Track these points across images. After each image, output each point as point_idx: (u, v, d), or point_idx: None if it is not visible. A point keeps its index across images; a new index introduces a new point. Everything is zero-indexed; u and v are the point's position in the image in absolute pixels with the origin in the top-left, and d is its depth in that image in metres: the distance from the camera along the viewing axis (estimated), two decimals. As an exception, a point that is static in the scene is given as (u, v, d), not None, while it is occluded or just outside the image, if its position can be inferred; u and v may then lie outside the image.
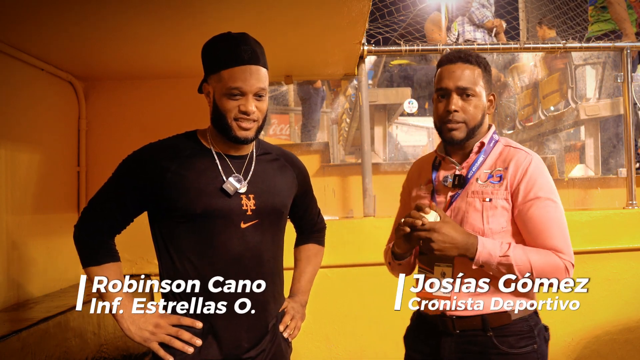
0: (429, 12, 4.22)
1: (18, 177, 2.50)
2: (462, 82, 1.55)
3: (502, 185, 1.53)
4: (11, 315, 2.19)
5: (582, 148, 4.95)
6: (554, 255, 1.49)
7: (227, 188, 1.48)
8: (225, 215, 1.47)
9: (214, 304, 1.48)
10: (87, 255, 1.52)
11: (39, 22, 2.18)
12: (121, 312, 1.49)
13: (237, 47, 1.45)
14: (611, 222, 3.22)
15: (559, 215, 1.53)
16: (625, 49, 3.51)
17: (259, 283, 1.51)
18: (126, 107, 3.20)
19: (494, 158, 1.59)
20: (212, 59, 1.48)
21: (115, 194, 1.51)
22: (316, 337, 3.07)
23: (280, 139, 6.44)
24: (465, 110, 1.55)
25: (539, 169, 1.54)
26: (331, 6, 2.21)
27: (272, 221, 1.56)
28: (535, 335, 1.54)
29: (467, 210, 1.55)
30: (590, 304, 3.20)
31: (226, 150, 1.53)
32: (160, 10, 2.12)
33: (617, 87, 4.17)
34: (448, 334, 1.56)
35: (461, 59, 1.57)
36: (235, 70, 1.43)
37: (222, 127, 1.48)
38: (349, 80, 4.14)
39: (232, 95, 1.44)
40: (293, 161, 1.69)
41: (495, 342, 1.51)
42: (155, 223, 1.53)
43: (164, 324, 1.48)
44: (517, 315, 1.53)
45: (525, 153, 1.57)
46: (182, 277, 1.49)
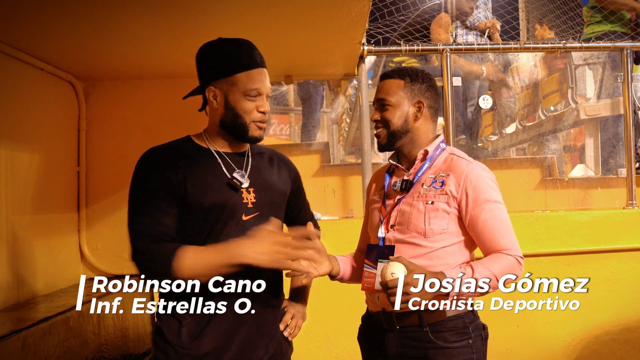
0: (429, 12, 4.21)
1: (18, 177, 2.50)
2: (378, 94, 1.73)
3: (443, 190, 1.65)
4: (11, 315, 2.19)
5: (582, 148, 4.95)
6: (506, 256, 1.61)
7: (234, 183, 1.53)
8: (230, 207, 1.52)
9: (214, 303, 1.48)
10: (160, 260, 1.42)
11: (39, 22, 2.18)
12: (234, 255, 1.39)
13: (250, 51, 1.53)
14: (611, 222, 3.22)
15: (505, 216, 1.65)
16: (625, 49, 3.51)
17: (259, 283, 1.51)
18: (126, 107, 3.20)
19: (439, 164, 1.71)
20: (222, 62, 1.52)
21: (152, 205, 1.47)
22: (316, 337, 3.07)
23: (280, 139, 6.44)
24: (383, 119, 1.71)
25: (479, 175, 1.65)
26: (331, 6, 2.21)
27: (272, 214, 1.60)
28: (470, 332, 1.64)
29: (411, 212, 1.66)
30: (590, 304, 3.20)
31: (225, 149, 1.58)
32: (161, 11, 2.12)
33: (617, 87, 4.17)
34: (390, 330, 1.67)
35: (385, 75, 1.76)
36: (253, 73, 1.51)
37: (235, 127, 1.53)
38: (349, 80, 4.14)
39: (251, 97, 1.51)
40: (285, 161, 1.75)
41: (432, 337, 1.62)
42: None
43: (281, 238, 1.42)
44: (452, 313, 1.63)
45: (466, 162, 1.69)
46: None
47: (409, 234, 1.66)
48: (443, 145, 1.77)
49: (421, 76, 1.75)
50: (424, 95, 1.73)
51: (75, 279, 2.96)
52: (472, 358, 1.64)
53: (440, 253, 1.65)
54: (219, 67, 1.52)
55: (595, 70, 4.76)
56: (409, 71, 1.75)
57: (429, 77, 1.76)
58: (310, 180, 3.82)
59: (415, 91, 1.72)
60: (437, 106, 1.78)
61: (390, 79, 1.74)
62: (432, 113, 1.76)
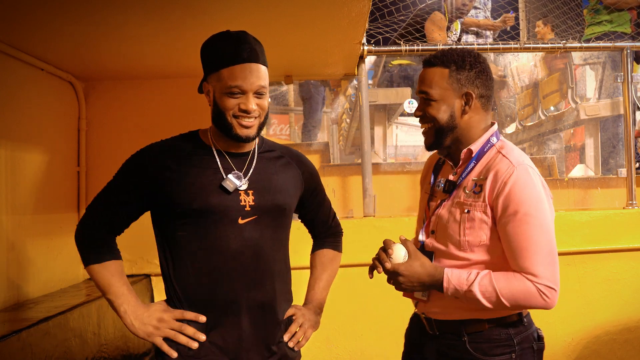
0: (430, 12, 4.22)
1: (18, 177, 2.50)
2: (420, 86, 1.53)
3: (480, 197, 1.46)
4: (11, 315, 2.19)
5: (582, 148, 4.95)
6: (523, 279, 1.40)
7: (227, 185, 1.48)
8: (222, 211, 1.48)
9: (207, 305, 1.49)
10: (89, 253, 1.53)
11: (39, 22, 2.18)
12: (124, 308, 1.49)
13: (237, 45, 1.45)
14: (611, 222, 3.22)
15: (538, 233, 1.41)
16: (625, 49, 3.51)
17: (257, 285, 1.50)
18: (126, 107, 3.20)
19: (484, 164, 1.51)
20: (212, 57, 1.48)
21: (118, 193, 1.52)
22: (316, 337, 3.05)
23: (280, 139, 6.44)
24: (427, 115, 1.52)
25: (521, 181, 1.42)
26: (331, 6, 2.20)
27: (273, 218, 1.55)
28: (514, 344, 1.50)
29: (448, 219, 1.51)
30: (590, 304, 3.20)
31: (227, 148, 1.54)
32: (161, 11, 2.12)
33: (617, 87, 4.17)
34: (432, 335, 1.59)
35: (427, 62, 1.54)
36: (235, 69, 1.44)
37: (222, 125, 1.48)
38: (349, 80, 4.15)
39: (232, 94, 1.44)
40: (299, 159, 1.67)
41: (469, 348, 1.50)
42: (156, 222, 1.56)
43: (168, 318, 1.48)
44: (495, 323, 1.50)
45: (508, 163, 1.45)
46: (183, 276, 1.50)
47: (445, 244, 1.52)
48: (494, 139, 1.53)
49: (469, 61, 1.50)
50: (474, 83, 1.50)
51: (75, 279, 2.96)
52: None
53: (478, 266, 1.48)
54: (209, 62, 1.50)
55: (595, 70, 4.76)
56: (455, 56, 1.50)
57: (478, 61, 1.52)
58: (310, 180, 3.82)
59: (462, 81, 1.49)
60: (489, 94, 1.54)
61: (432, 67, 1.51)
62: (484, 102, 1.53)
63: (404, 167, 4.01)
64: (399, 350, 1.79)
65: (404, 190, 3.85)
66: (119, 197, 1.52)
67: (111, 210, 1.52)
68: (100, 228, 1.53)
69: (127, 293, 1.50)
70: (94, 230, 1.53)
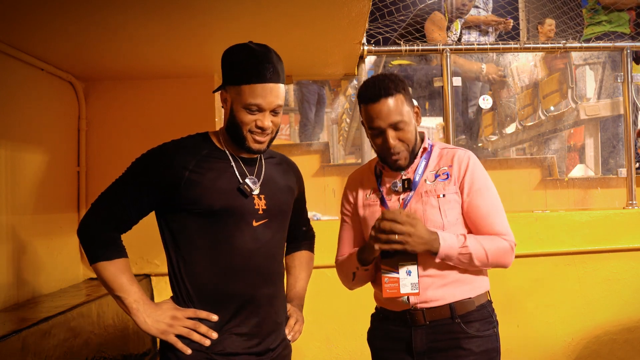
0: (429, 12, 4.21)
1: (18, 177, 2.50)
2: (391, 118, 1.62)
3: (450, 181, 1.68)
4: (11, 315, 2.19)
5: (582, 148, 4.95)
6: (499, 239, 1.65)
7: (245, 189, 1.54)
8: (241, 213, 1.53)
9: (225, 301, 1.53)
10: (96, 250, 1.52)
11: (39, 22, 2.18)
12: (136, 305, 1.49)
13: (260, 64, 1.49)
14: (611, 222, 3.22)
15: (496, 202, 1.70)
16: (625, 49, 3.51)
17: (269, 282, 1.57)
18: (126, 107, 3.20)
19: (436, 160, 1.73)
20: (233, 70, 1.52)
21: (130, 190, 1.53)
22: (316, 337, 3.07)
23: (280, 139, 6.43)
24: (403, 138, 1.65)
25: (476, 163, 1.70)
26: (331, 6, 2.21)
27: (280, 221, 1.64)
28: (494, 320, 1.71)
29: (424, 209, 1.66)
30: (590, 304, 3.20)
31: (239, 153, 1.59)
32: (161, 11, 2.12)
33: (617, 87, 4.17)
34: (418, 325, 1.66)
35: (382, 94, 1.61)
36: (256, 87, 1.48)
37: (236, 136, 1.54)
38: (349, 80, 4.14)
39: (251, 111, 1.49)
40: (293, 167, 1.78)
41: (464, 327, 1.64)
42: (166, 220, 1.56)
43: (181, 316, 1.50)
44: (479, 302, 1.68)
45: (462, 151, 1.73)
46: (198, 275, 1.53)
47: None
48: (429, 141, 1.78)
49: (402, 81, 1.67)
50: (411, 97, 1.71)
51: (76, 279, 2.96)
52: (497, 345, 1.70)
53: None
54: (230, 74, 1.53)
55: (595, 70, 4.76)
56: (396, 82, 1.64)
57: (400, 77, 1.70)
58: (310, 180, 3.82)
59: (409, 98, 1.68)
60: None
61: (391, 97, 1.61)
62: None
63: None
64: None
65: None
66: (131, 194, 1.52)
67: (121, 206, 1.52)
68: (108, 224, 1.53)
69: (137, 291, 1.51)
70: (102, 226, 1.53)
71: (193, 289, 1.53)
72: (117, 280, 1.50)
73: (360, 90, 1.69)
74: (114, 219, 1.53)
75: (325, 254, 1.94)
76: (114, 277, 1.50)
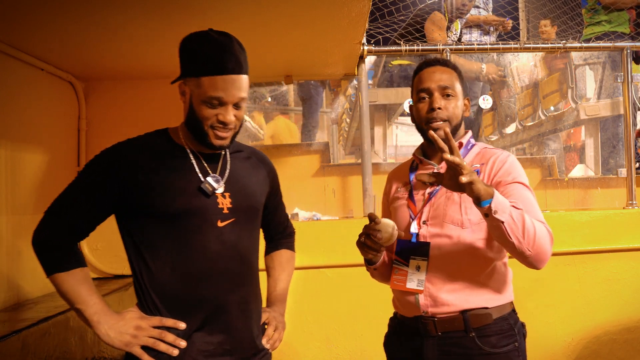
0: (430, 12, 4.21)
1: (18, 177, 2.50)
2: (442, 82, 1.63)
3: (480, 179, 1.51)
4: (11, 315, 2.19)
5: (582, 148, 4.95)
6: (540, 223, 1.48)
7: (206, 188, 1.44)
8: (203, 214, 1.44)
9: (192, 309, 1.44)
10: (53, 261, 1.43)
11: (39, 22, 2.18)
12: (96, 318, 1.41)
13: (221, 54, 1.39)
14: (611, 222, 3.22)
15: (532, 198, 1.55)
16: (625, 49, 3.51)
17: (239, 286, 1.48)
18: (126, 107, 3.20)
19: (472, 157, 1.66)
20: (193, 61, 1.42)
21: (83, 196, 1.43)
22: (316, 337, 3.07)
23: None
24: (447, 109, 1.62)
25: (513, 162, 1.60)
26: (331, 6, 2.21)
27: (248, 220, 1.53)
28: (515, 334, 1.56)
29: (446, 204, 1.58)
30: (590, 304, 3.20)
31: (200, 149, 1.49)
32: (161, 11, 2.12)
33: (617, 87, 4.17)
34: (430, 336, 1.57)
35: (439, 62, 1.67)
36: (217, 80, 1.38)
37: (197, 132, 1.44)
38: (349, 80, 4.14)
39: (212, 105, 1.40)
40: (264, 160, 1.66)
41: (478, 343, 1.52)
42: (125, 225, 1.47)
43: (146, 325, 1.41)
44: (498, 314, 1.55)
45: (502, 151, 1.65)
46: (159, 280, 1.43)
47: (445, 227, 1.57)
48: (473, 140, 1.72)
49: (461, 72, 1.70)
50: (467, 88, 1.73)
51: (75, 279, 2.96)
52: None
53: (478, 244, 1.55)
54: (189, 64, 1.43)
55: (595, 70, 4.76)
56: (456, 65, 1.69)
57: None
58: (310, 180, 3.82)
59: (465, 88, 1.69)
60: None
61: (448, 68, 1.65)
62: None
63: (404, 167, 4.00)
64: (399, 350, 1.78)
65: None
66: (84, 200, 1.43)
67: (76, 213, 1.43)
68: (63, 233, 1.43)
69: (98, 302, 1.42)
70: (57, 235, 1.43)
71: (157, 296, 1.43)
72: (75, 292, 1.41)
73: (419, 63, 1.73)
74: (68, 226, 1.43)
75: (326, 254, 1.94)
76: (71, 289, 1.41)
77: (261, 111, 5.85)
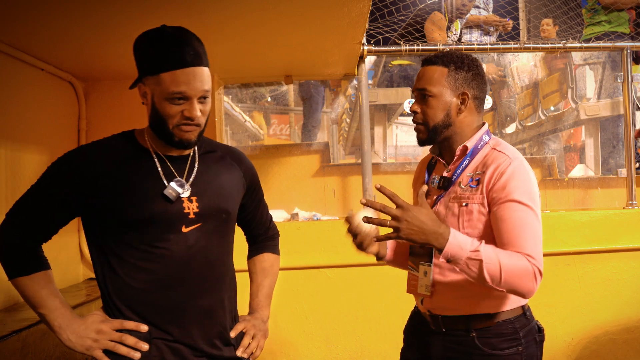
0: (430, 12, 4.22)
1: (18, 177, 2.50)
2: (420, 83, 1.57)
3: (478, 190, 1.50)
4: (11, 315, 2.19)
5: (582, 148, 4.95)
6: (523, 257, 1.40)
7: (169, 194, 1.39)
8: (166, 220, 1.39)
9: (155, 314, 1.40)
10: (14, 264, 1.40)
11: (39, 22, 2.18)
12: (58, 322, 1.38)
13: (178, 47, 1.34)
14: (611, 222, 3.22)
15: (532, 221, 1.44)
16: (625, 49, 3.51)
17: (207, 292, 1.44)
18: (126, 107, 3.19)
19: (479, 160, 1.55)
20: (149, 58, 1.37)
21: (45, 199, 1.41)
22: (316, 337, 3.07)
23: (280, 139, 6.44)
24: (423, 112, 1.57)
25: (517, 172, 1.47)
26: (331, 6, 2.21)
27: (218, 224, 1.47)
28: (520, 337, 1.52)
29: (446, 214, 1.55)
30: (589, 304, 3.20)
31: (166, 151, 1.44)
32: (161, 11, 2.12)
33: (617, 87, 4.17)
34: (437, 332, 1.60)
35: (427, 61, 1.60)
36: (177, 74, 1.32)
37: (162, 132, 1.39)
38: (349, 80, 4.14)
39: (175, 100, 1.34)
40: (240, 159, 1.59)
41: (478, 343, 1.51)
42: (89, 228, 1.44)
43: (107, 329, 1.37)
44: (502, 317, 1.53)
45: (505, 156, 1.50)
46: (124, 288, 1.40)
47: None
48: (486, 137, 1.58)
49: (467, 63, 1.56)
50: (470, 85, 1.55)
51: (76, 278, 2.96)
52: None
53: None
54: (146, 63, 1.38)
55: (595, 70, 4.76)
56: (454, 57, 1.56)
57: (476, 64, 1.58)
58: (310, 180, 3.82)
59: (460, 81, 1.54)
60: (483, 96, 1.60)
61: (432, 66, 1.56)
62: (478, 104, 1.58)
63: (404, 167, 4.01)
64: (398, 349, 1.79)
65: (404, 190, 3.84)
66: (46, 203, 1.40)
67: (37, 216, 1.40)
68: (25, 236, 1.41)
69: (60, 306, 1.39)
70: (18, 238, 1.40)
71: (120, 300, 1.40)
72: (37, 296, 1.38)
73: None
74: (30, 229, 1.41)
75: (326, 254, 1.94)
76: (34, 293, 1.39)
77: (261, 111, 5.86)
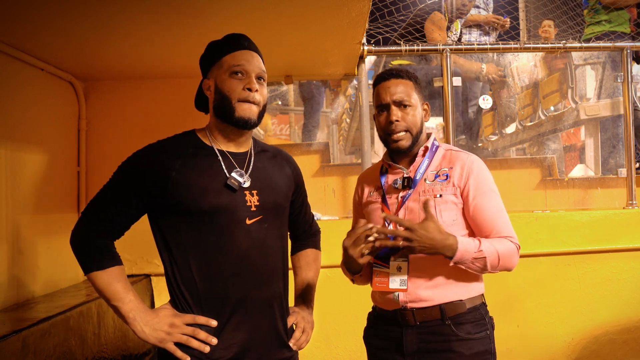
0: (430, 12, 4.21)
1: (18, 177, 2.50)
2: (397, 95, 1.70)
3: (449, 183, 1.68)
4: (11, 315, 2.19)
5: (582, 148, 4.95)
6: (507, 241, 1.65)
7: (232, 183, 1.49)
8: (232, 212, 1.48)
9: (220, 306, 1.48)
10: (90, 260, 1.48)
11: (39, 22, 2.18)
12: (132, 315, 1.45)
13: (237, 36, 1.55)
14: (611, 222, 3.23)
15: (502, 206, 1.70)
16: (625, 49, 3.51)
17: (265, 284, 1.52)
18: (126, 107, 3.20)
19: (438, 160, 1.75)
20: (212, 52, 1.54)
21: (118, 196, 1.49)
22: (316, 337, 3.06)
23: (280, 139, 6.44)
24: (405, 119, 1.70)
25: (480, 167, 1.71)
26: (331, 6, 2.21)
27: (276, 217, 1.57)
28: (486, 322, 1.69)
29: (420, 207, 1.66)
30: (589, 304, 3.21)
31: (227, 147, 1.55)
32: (161, 11, 2.12)
33: (617, 87, 4.17)
34: (409, 326, 1.67)
35: (393, 75, 1.73)
36: (237, 54, 1.50)
37: (224, 109, 1.50)
38: (349, 80, 4.14)
39: (236, 74, 1.49)
40: (289, 159, 1.72)
41: (454, 330, 1.64)
42: (157, 224, 1.52)
43: (179, 323, 1.46)
44: (471, 304, 1.68)
45: (465, 155, 1.74)
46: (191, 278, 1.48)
47: None
48: (437, 142, 1.79)
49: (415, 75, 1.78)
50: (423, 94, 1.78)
51: (76, 278, 2.96)
52: (490, 348, 1.68)
53: None
54: (210, 58, 1.55)
55: (595, 70, 4.76)
56: (410, 73, 1.76)
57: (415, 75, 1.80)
58: (310, 180, 3.81)
59: (420, 93, 1.76)
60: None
61: (400, 79, 1.73)
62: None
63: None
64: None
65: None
66: (119, 200, 1.48)
67: (111, 213, 1.48)
68: (100, 232, 1.49)
69: (134, 299, 1.47)
70: (94, 234, 1.49)
71: (189, 293, 1.48)
72: (112, 289, 1.46)
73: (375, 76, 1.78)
74: (104, 226, 1.49)
75: (326, 254, 1.94)
76: (108, 286, 1.46)
77: (261, 111, 5.83)
